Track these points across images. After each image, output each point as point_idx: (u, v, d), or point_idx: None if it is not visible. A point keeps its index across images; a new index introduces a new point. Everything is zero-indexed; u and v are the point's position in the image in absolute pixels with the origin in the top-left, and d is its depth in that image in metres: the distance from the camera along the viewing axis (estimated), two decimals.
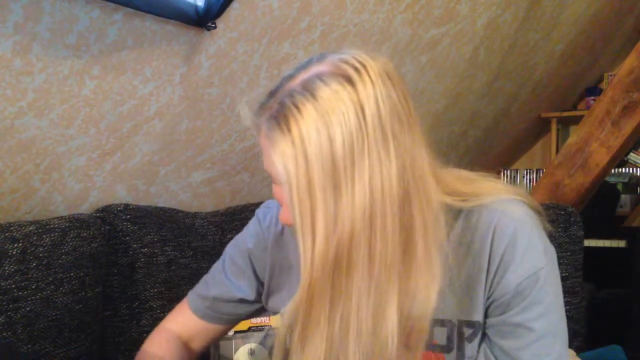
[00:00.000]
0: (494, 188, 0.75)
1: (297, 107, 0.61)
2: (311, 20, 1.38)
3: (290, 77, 0.66)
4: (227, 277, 0.93)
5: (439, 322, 0.75)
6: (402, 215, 0.62)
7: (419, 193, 0.64)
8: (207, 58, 1.26)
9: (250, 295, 0.92)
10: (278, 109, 0.63)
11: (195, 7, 1.15)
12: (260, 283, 0.92)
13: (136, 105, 1.22)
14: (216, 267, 0.96)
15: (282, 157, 0.61)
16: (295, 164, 0.60)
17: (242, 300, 0.93)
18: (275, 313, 0.92)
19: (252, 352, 1.38)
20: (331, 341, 0.64)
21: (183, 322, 0.96)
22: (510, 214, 0.71)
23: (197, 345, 0.97)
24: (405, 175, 0.62)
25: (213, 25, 1.16)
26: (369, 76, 0.61)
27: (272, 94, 0.68)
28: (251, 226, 0.95)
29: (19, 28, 0.94)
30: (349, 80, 0.61)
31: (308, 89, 0.61)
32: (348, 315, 0.63)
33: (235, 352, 1.36)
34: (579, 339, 1.51)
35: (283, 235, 0.90)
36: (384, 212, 0.61)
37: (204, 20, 1.15)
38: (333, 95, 0.60)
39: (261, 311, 0.95)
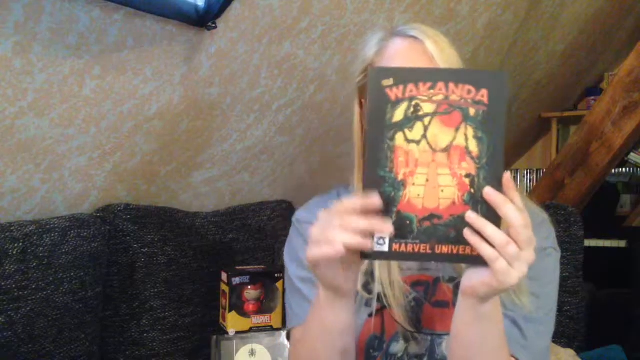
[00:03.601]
0: None
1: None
2: (312, 20, 1.38)
3: None
4: (306, 296, 0.91)
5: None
6: None
7: None
8: (208, 58, 1.26)
9: None
10: None
11: (196, 7, 1.15)
12: None
13: (136, 105, 1.22)
14: (291, 294, 0.95)
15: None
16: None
17: None
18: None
19: (252, 353, 1.38)
20: None
21: None
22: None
23: None
24: None
25: (213, 25, 1.16)
26: None
27: None
28: (294, 235, 0.97)
29: (20, 28, 0.94)
30: None
31: None
32: None
33: (236, 353, 1.36)
34: (579, 339, 1.51)
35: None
36: None
37: (204, 20, 1.15)
38: None
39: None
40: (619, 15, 2.76)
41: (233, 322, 1.39)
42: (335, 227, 0.63)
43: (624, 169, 3.35)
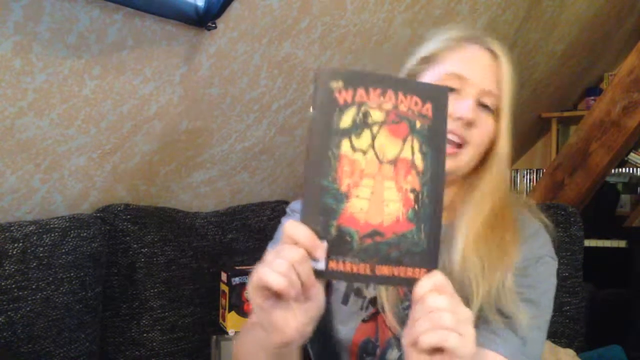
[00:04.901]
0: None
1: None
2: (311, 20, 1.38)
3: None
4: None
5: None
6: None
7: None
8: (207, 58, 1.26)
9: None
10: None
11: (196, 7, 1.15)
12: None
13: (136, 105, 1.22)
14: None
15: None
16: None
17: None
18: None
19: None
20: None
21: None
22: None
23: None
24: None
25: (213, 25, 1.16)
26: None
27: None
28: (284, 221, 0.96)
29: (20, 28, 0.94)
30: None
31: None
32: None
33: None
34: (579, 339, 1.51)
35: None
36: None
37: (204, 20, 1.15)
38: None
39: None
40: (619, 15, 2.76)
41: (233, 322, 1.39)
42: (271, 266, 0.60)
43: (624, 169, 3.35)
